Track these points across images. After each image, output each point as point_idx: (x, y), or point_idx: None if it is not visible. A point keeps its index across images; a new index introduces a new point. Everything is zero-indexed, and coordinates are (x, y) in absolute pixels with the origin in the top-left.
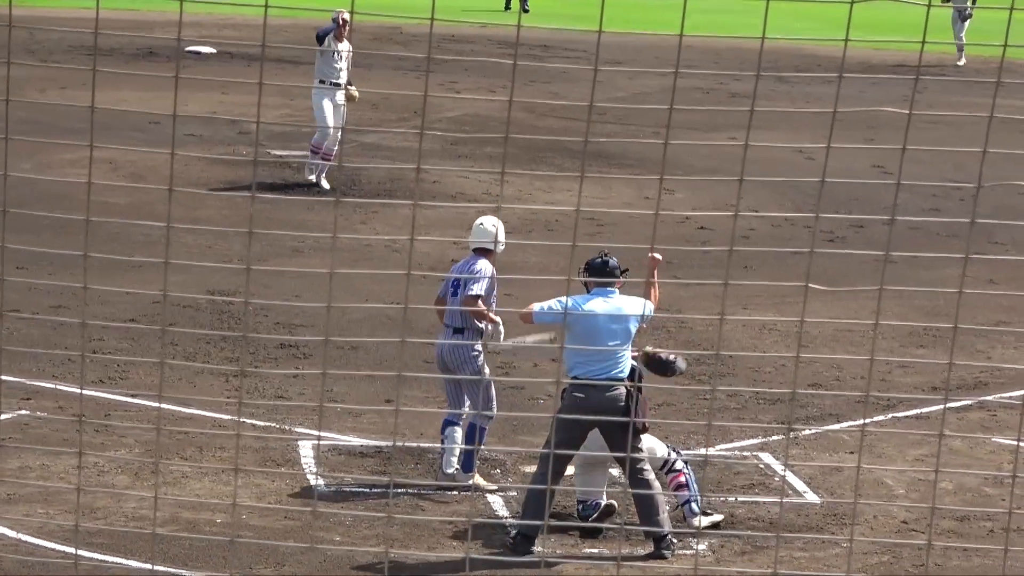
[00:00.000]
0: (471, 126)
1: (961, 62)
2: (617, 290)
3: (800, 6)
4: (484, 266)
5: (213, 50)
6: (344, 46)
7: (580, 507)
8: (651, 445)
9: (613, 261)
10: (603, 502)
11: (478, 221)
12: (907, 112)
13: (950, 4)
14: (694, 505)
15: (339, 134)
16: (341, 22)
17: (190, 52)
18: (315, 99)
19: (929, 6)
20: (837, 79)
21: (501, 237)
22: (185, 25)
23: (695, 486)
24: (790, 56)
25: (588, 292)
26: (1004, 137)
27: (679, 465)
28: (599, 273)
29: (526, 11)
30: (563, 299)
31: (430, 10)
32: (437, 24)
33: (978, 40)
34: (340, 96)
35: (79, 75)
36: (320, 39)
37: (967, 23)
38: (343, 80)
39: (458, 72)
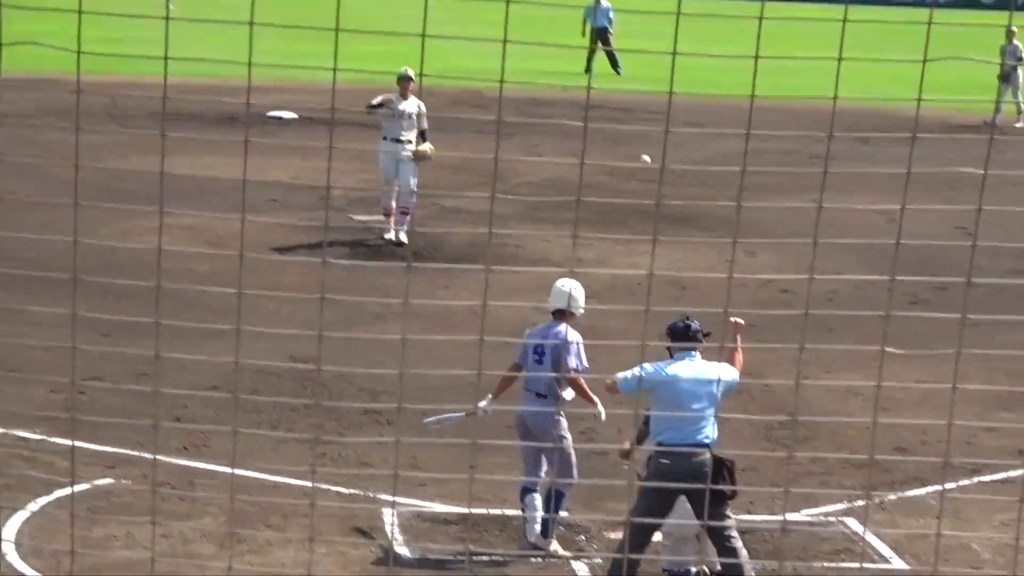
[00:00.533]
0: (552, 190)
1: (1019, 123)
2: (699, 354)
3: (888, 70)
4: (567, 331)
5: (294, 115)
6: (410, 103)
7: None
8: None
9: (695, 325)
10: (693, 570)
11: (558, 283)
12: (982, 172)
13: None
14: None
15: (410, 187)
16: (404, 80)
17: (272, 117)
18: (380, 156)
19: (1003, 64)
20: (911, 139)
21: (581, 301)
22: (267, 90)
23: None
24: (872, 117)
25: (671, 357)
26: None
27: None
28: (681, 337)
29: (619, 74)
30: (646, 366)
31: (507, 74)
32: (518, 88)
33: None
34: (404, 152)
35: (158, 142)
36: (371, 109)
37: (1014, 82)
38: (405, 137)
39: (539, 135)
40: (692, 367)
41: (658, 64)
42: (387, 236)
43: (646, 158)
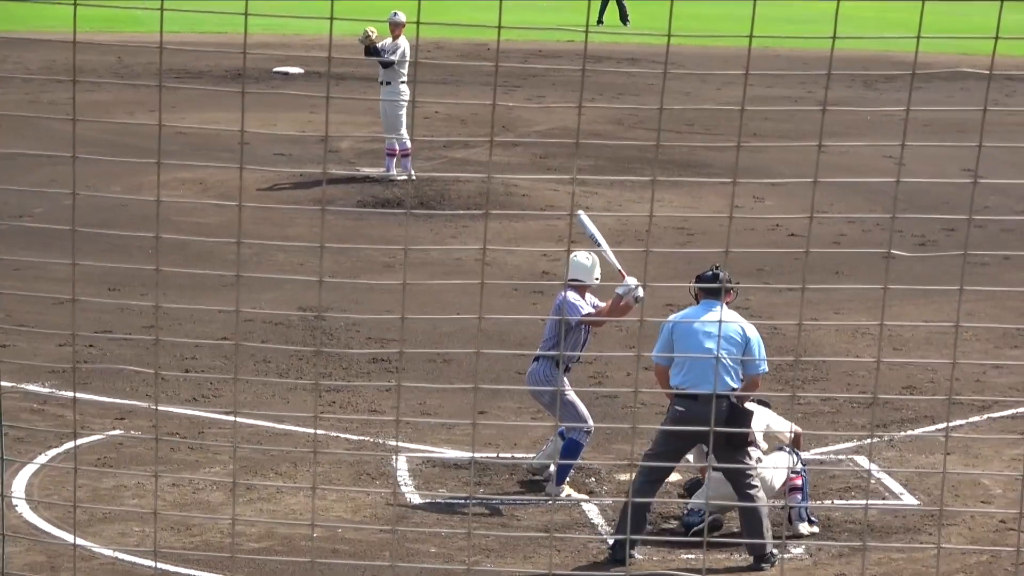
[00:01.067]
0: (560, 139)
1: None
2: (724, 304)
3: (896, 16)
4: (564, 297)
5: (300, 70)
6: (390, 45)
7: (687, 513)
8: (776, 459)
9: (724, 274)
10: (716, 517)
11: (572, 255)
12: (982, 111)
13: None
14: (803, 511)
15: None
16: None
17: (277, 73)
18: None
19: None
20: (910, 77)
21: (596, 272)
22: (273, 46)
23: (807, 490)
24: (881, 63)
25: (697, 303)
26: None
27: (798, 467)
28: (708, 283)
29: (625, 25)
30: (668, 321)
31: (510, 26)
32: (524, 39)
33: None
34: (382, 92)
35: (167, 98)
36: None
37: None
38: (382, 79)
39: (545, 87)
40: (711, 314)
41: (664, 16)
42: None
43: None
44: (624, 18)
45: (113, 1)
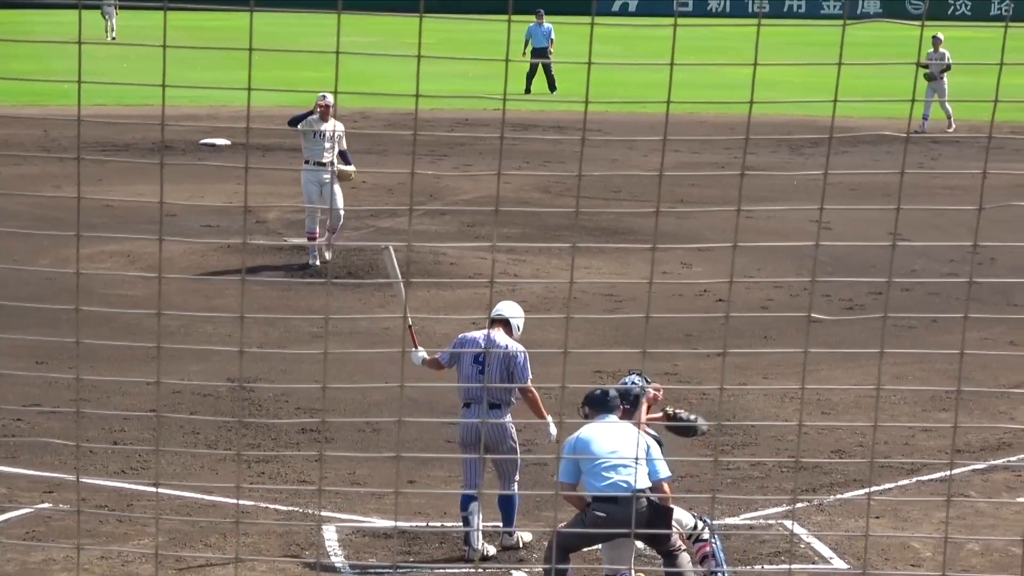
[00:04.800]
0: (487, 207)
1: (951, 129)
2: (616, 416)
3: (822, 81)
4: (514, 344)
5: (227, 142)
6: (328, 126)
7: None
8: (678, 516)
9: (612, 393)
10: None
11: (501, 303)
12: (898, 172)
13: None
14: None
15: (337, 207)
16: (323, 104)
17: (204, 144)
18: (303, 180)
19: (918, 65)
20: (827, 141)
21: (521, 322)
22: (200, 118)
23: (722, 556)
24: (807, 128)
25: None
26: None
27: (705, 535)
28: (598, 404)
29: (552, 92)
30: (566, 442)
31: (428, 94)
32: (450, 108)
33: (963, 104)
34: (325, 175)
35: (93, 171)
36: (293, 123)
37: (932, 85)
38: (327, 159)
39: (472, 155)
40: (608, 423)
41: (593, 82)
42: (312, 262)
43: None
44: (552, 87)
45: (40, 78)
